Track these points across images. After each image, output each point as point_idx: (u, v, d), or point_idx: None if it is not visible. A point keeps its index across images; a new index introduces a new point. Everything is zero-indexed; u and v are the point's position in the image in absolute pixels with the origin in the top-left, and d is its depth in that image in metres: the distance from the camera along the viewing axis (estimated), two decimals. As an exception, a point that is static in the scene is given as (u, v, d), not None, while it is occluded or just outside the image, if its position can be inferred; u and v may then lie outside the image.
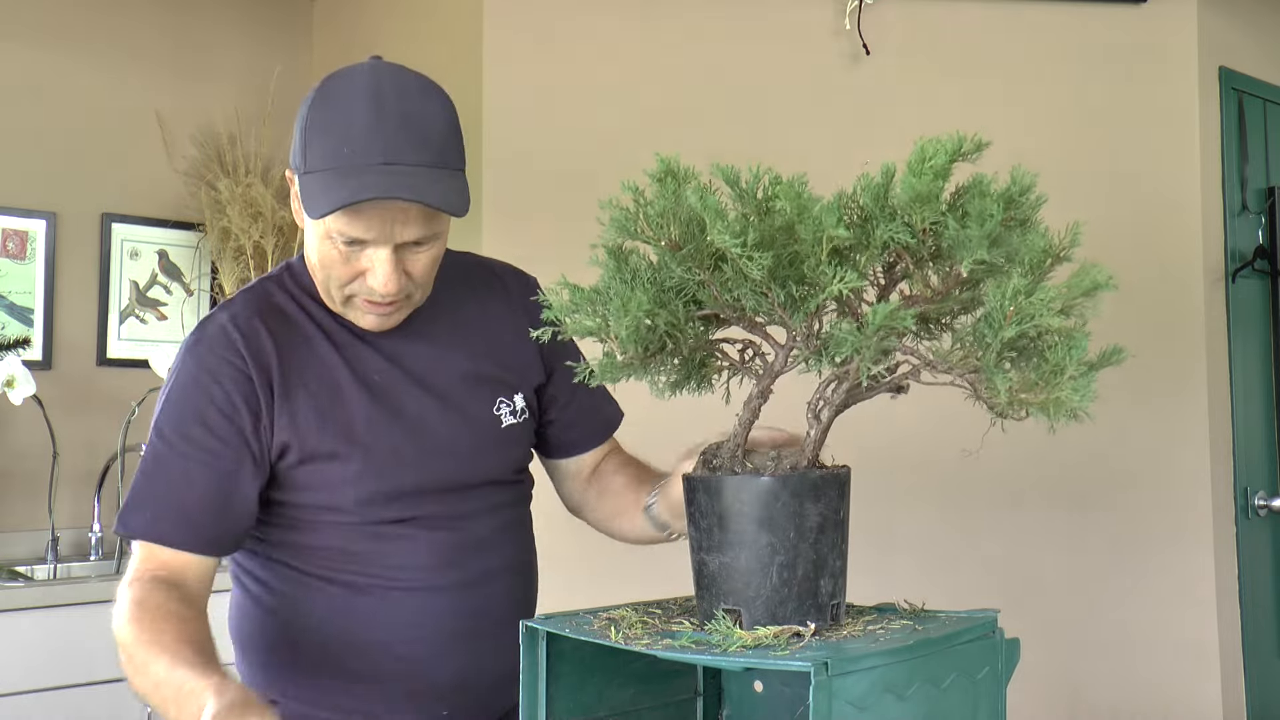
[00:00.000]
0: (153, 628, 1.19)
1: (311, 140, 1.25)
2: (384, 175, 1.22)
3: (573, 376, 1.42)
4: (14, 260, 3.13)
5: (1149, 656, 2.79)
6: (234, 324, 1.34)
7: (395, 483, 1.35)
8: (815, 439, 1.11)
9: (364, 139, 1.22)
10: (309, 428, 1.32)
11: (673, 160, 1.07)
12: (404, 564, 1.35)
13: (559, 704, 1.18)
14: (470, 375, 1.42)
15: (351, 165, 1.22)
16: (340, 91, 1.26)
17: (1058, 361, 0.98)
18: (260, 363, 1.32)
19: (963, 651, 1.07)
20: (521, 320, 1.46)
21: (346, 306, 1.34)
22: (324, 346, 1.36)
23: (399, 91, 1.26)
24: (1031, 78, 2.88)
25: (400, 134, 1.24)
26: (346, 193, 1.20)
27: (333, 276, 1.30)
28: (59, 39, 3.25)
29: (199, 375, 1.32)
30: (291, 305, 1.38)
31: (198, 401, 1.31)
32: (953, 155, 1.00)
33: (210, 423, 1.30)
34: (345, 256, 1.27)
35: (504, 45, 2.86)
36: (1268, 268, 3.12)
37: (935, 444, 2.67)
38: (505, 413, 1.44)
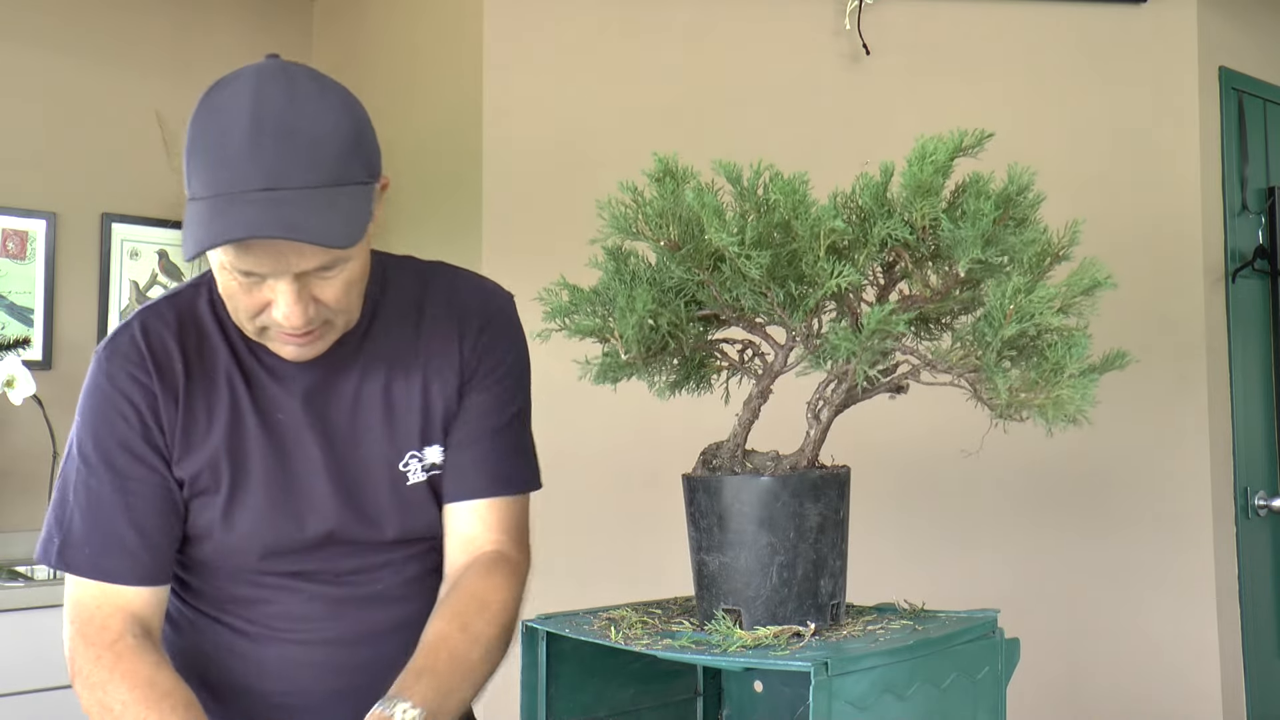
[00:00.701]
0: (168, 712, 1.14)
1: (191, 163, 1.11)
2: (263, 206, 1.07)
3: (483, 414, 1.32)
4: (14, 260, 3.13)
5: (1149, 656, 2.79)
6: (144, 334, 1.26)
7: (276, 535, 1.27)
8: (815, 439, 1.11)
9: (242, 161, 1.08)
10: (201, 460, 1.25)
11: (671, 160, 1.07)
12: (283, 614, 1.30)
13: (559, 704, 1.18)
14: (384, 423, 1.30)
15: (230, 193, 1.08)
16: (219, 104, 1.11)
17: (1058, 360, 0.98)
18: (167, 381, 1.25)
19: (963, 651, 1.07)
20: (467, 359, 1.33)
21: (262, 337, 1.22)
22: (234, 374, 1.27)
23: (287, 98, 1.11)
24: (1031, 78, 2.88)
25: (285, 153, 1.09)
26: (217, 229, 1.07)
27: (239, 308, 1.19)
28: (59, 39, 3.25)
29: (111, 393, 1.25)
30: (210, 318, 1.29)
31: (115, 424, 1.24)
32: (953, 152, 1.00)
33: (133, 447, 1.24)
34: (245, 288, 1.15)
35: (504, 45, 2.86)
36: (1268, 268, 3.12)
37: (935, 444, 2.67)
38: (414, 469, 1.31)
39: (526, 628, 1.19)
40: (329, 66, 3.64)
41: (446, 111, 3.02)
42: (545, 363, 1.63)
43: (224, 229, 1.07)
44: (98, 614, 1.21)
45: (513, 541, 1.33)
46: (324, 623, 1.30)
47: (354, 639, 1.31)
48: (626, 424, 2.63)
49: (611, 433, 2.69)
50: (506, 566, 1.29)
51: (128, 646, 1.19)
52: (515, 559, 1.31)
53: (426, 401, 1.31)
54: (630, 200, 1.07)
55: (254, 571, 1.29)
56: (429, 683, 1.13)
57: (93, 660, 1.19)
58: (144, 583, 1.23)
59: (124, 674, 1.16)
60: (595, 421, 2.62)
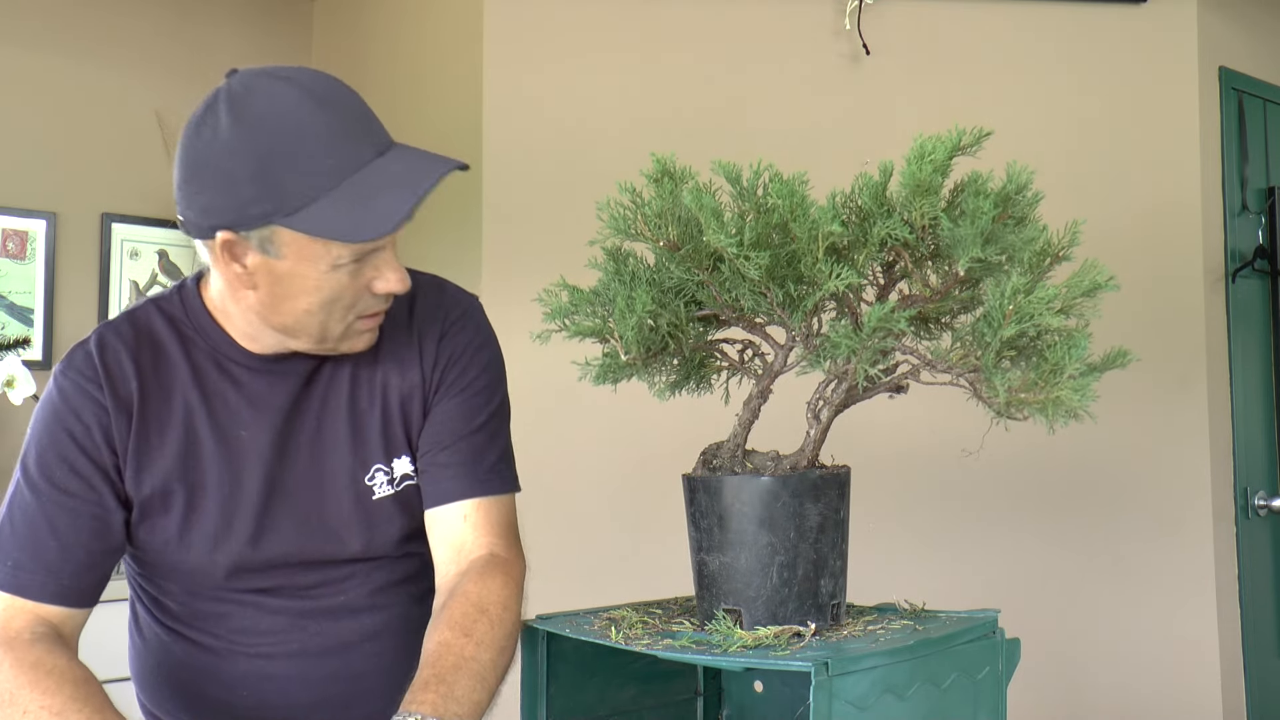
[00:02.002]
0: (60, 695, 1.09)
1: (278, 177, 1.10)
2: (392, 164, 1.12)
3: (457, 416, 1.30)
4: (14, 260, 3.13)
5: (1149, 656, 2.79)
6: (99, 350, 1.24)
7: (231, 555, 1.25)
8: (815, 439, 1.11)
9: (343, 140, 1.11)
10: (154, 480, 1.23)
11: (669, 160, 1.07)
12: (248, 628, 1.28)
13: (559, 704, 1.18)
14: (348, 437, 1.28)
15: (351, 172, 1.10)
16: (268, 113, 1.11)
17: (1057, 361, 0.98)
18: (120, 398, 1.22)
19: (963, 651, 1.07)
20: (429, 370, 1.31)
21: (343, 338, 1.23)
22: (191, 392, 1.25)
23: (317, 84, 1.14)
24: (1031, 78, 2.88)
25: (362, 121, 1.14)
26: (399, 195, 1.10)
27: (337, 308, 1.19)
28: (59, 39, 3.25)
29: (61, 408, 1.22)
30: (170, 336, 1.26)
31: (60, 438, 1.21)
32: (952, 151, 1.00)
33: (75, 465, 1.21)
34: (353, 274, 1.16)
35: (504, 45, 2.86)
36: (1268, 268, 3.12)
37: (936, 444, 2.67)
38: (380, 482, 1.29)
39: (527, 628, 1.19)
40: (329, 66, 3.64)
41: (446, 112, 3.02)
42: (545, 363, 1.63)
43: (399, 199, 1.09)
44: (9, 625, 1.18)
45: (504, 542, 1.29)
46: (289, 635, 1.28)
47: (320, 651, 1.29)
48: (627, 424, 2.63)
49: (612, 433, 2.69)
50: (501, 568, 1.25)
51: (23, 641, 1.15)
52: (509, 559, 1.28)
53: (387, 412, 1.29)
54: (629, 201, 1.07)
55: (215, 587, 1.27)
56: (438, 690, 1.09)
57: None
58: (59, 602, 1.20)
59: (13, 661, 1.12)
60: (595, 422, 2.62)
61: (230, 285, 1.20)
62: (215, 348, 1.26)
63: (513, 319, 1.66)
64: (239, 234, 1.12)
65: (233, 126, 1.11)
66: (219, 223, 1.12)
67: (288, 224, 1.10)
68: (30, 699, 1.09)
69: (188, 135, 1.15)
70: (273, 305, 1.19)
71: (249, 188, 1.09)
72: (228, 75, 1.17)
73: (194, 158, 1.13)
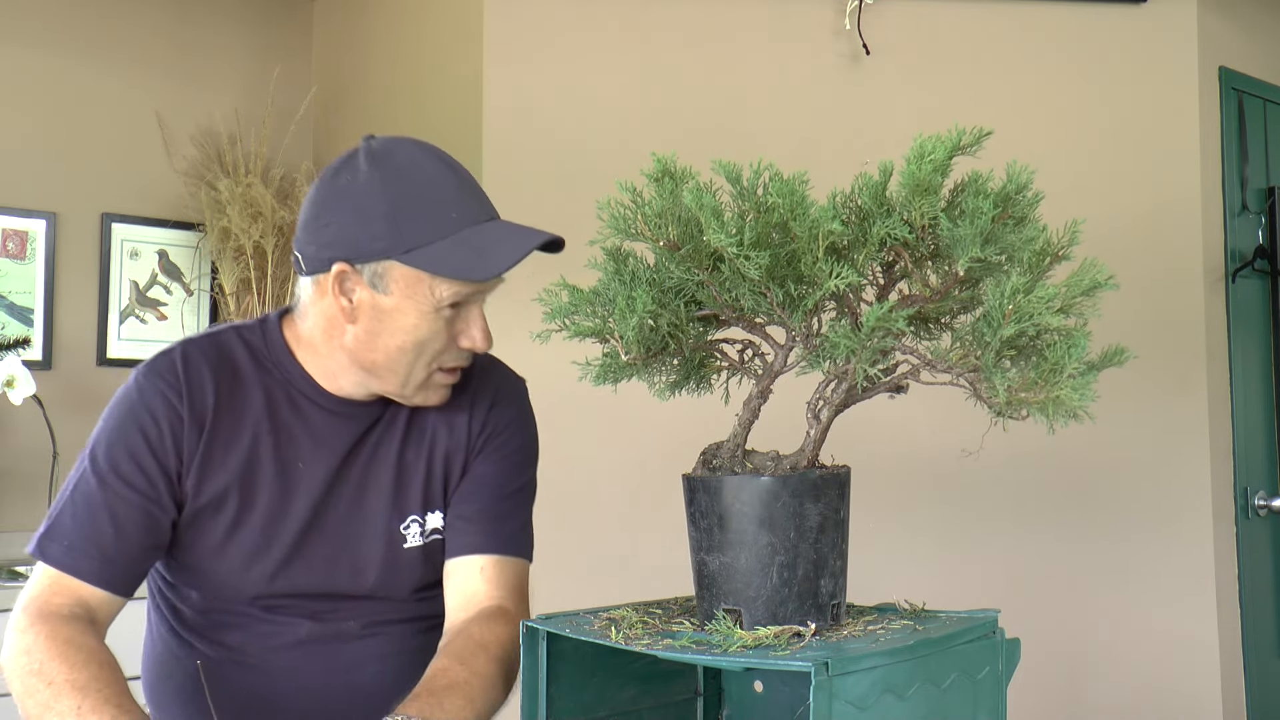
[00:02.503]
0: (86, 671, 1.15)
1: (406, 217, 1.23)
2: (501, 227, 1.26)
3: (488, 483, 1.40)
4: (14, 260, 3.13)
5: (1149, 656, 2.79)
6: (184, 363, 1.32)
7: (265, 573, 1.32)
8: (815, 439, 1.11)
9: (463, 201, 1.26)
10: (212, 490, 1.30)
11: (669, 160, 1.07)
12: (254, 642, 1.34)
13: (559, 704, 1.18)
14: (392, 485, 1.37)
15: (467, 225, 1.24)
16: (406, 165, 1.25)
17: (1057, 360, 0.98)
18: (195, 408, 1.30)
19: (963, 651, 1.07)
20: (475, 433, 1.41)
21: (421, 388, 1.32)
22: (262, 417, 1.33)
23: (448, 156, 1.30)
24: (1031, 78, 2.88)
25: (480, 192, 1.29)
26: (511, 247, 1.23)
27: (427, 352, 1.29)
28: (59, 39, 3.25)
29: (138, 406, 1.30)
30: (249, 362, 1.35)
31: (132, 435, 1.29)
32: (952, 150, 1.00)
33: (141, 460, 1.28)
34: (448, 323, 1.28)
35: (504, 45, 2.86)
36: (1268, 268, 3.12)
37: (935, 444, 2.67)
38: (413, 533, 1.37)
39: (527, 628, 1.19)
40: (329, 66, 3.65)
41: (446, 111, 3.02)
42: (544, 364, 1.63)
43: (512, 247, 1.23)
44: (50, 600, 1.25)
45: (514, 599, 1.37)
46: (293, 652, 1.35)
47: (323, 670, 1.35)
48: (627, 424, 2.63)
49: (611, 433, 2.69)
50: (506, 618, 1.32)
51: (60, 616, 1.22)
52: (515, 613, 1.35)
53: (431, 467, 1.38)
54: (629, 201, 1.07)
55: (236, 600, 1.34)
56: (427, 701, 1.15)
57: (23, 629, 1.21)
58: (106, 587, 1.26)
59: (47, 635, 1.19)
60: (595, 422, 2.62)
61: (330, 320, 1.30)
62: (290, 381, 1.34)
63: (513, 319, 1.66)
64: (355, 266, 1.25)
65: (371, 171, 1.25)
66: (339, 255, 1.25)
67: (405, 260, 1.23)
68: (57, 670, 1.15)
69: (323, 180, 1.29)
70: (368, 342, 1.28)
71: (378, 224, 1.23)
72: (365, 139, 1.30)
73: (328, 196, 1.27)
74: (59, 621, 1.21)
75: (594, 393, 1.32)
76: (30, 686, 1.15)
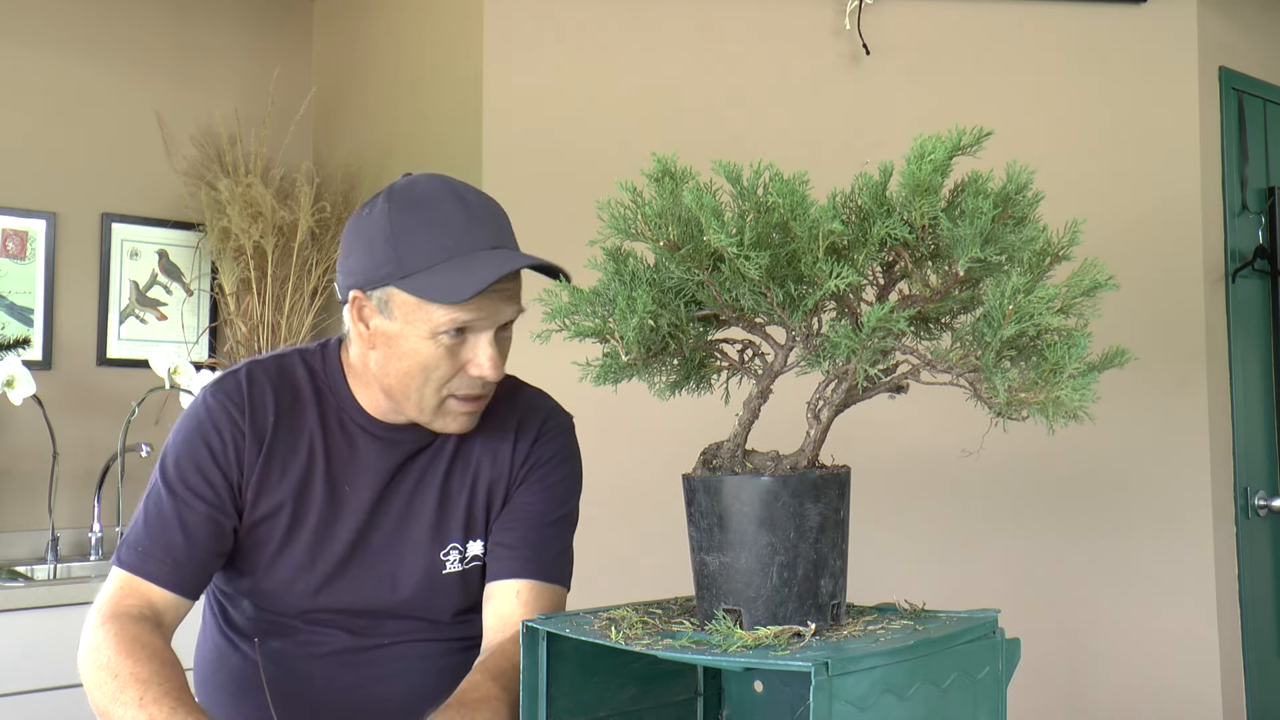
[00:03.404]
0: (150, 666, 1.22)
1: (406, 245, 1.28)
2: (504, 255, 1.28)
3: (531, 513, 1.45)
4: (14, 260, 3.13)
5: (1149, 656, 2.79)
6: (249, 382, 1.39)
7: (310, 588, 1.39)
8: (815, 439, 1.11)
9: (467, 231, 1.29)
10: (267, 505, 1.37)
11: (669, 160, 1.07)
12: (296, 649, 1.41)
13: (559, 704, 1.18)
14: (435, 512, 1.42)
15: (464, 254, 1.27)
16: (418, 196, 1.31)
17: (1057, 360, 0.98)
18: (257, 426, 1.37)
19: (963, 651, 1.07)
20: (519, 465, 1.46)
21: (438, 414, 1.36)
22: (317, 441, 1.39)
23: (471, 190, 1.34)
24: (1031, 78, 2.88)
25: (493, 222, 1.32)
26: (488, 271, 1.24)
27: (433, 378, 1.32)
28: (59, 39, 3.25)
29: (205, 421, 1.37)
30: (309, 386, 1.41)
31: (199, 449, 1.36)
32: (952, 150, 1.00)
33: (207, 472, 1.36)
34: (450, 351, 1.31)
35: (504, 45, 2.86)
36: (1268, 268, 3.12)
37: (936, 444, 2.67)
38: (453, 559, 1.43)
39: (527, 628, 1.19)
40: (329, 67, 3.65)
41: (446, 111, 3.02)
42: (544, 363, 1.63)
43: (496, 267, 1.25)
44: (121, 601, 1.32)
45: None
46: (331, 660, 1.41)
47: (356, 679, 1.41)
48: (627, 424, 2.63)
49: (611, 433, 2.69)
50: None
51: (130, 616, 1.29)
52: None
53: (473, 496, 1.43)
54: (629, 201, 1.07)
55: (281, 612, 1.41)
56: (459, 711, 1.21)
57: (95, 627, 1.29)
58: (175, 590, 1.34)
59: (116, 633, 1.26)
60: (595, 422, 2.62)
61: (360, 347, 1.38)
62: (342, 407, 1.41)
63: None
64: (365, 293, 1.32)
65: (385, 205, 1.31)
66: (354, 283, 1.33)
67: (401, 285, 1.28)
68: (123, 665, 1.22)
69: (351, 219, 1.36)
70: (384, 366, 1.34)
71: (382, 251, 1.29)
72: (403, 175, 1.37)
73: (352, 228, 1.34)
74: (128, 621, 1.28)
75: (594, 392, 1.32)
76: (99, 679, 1.23)
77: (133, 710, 1.18)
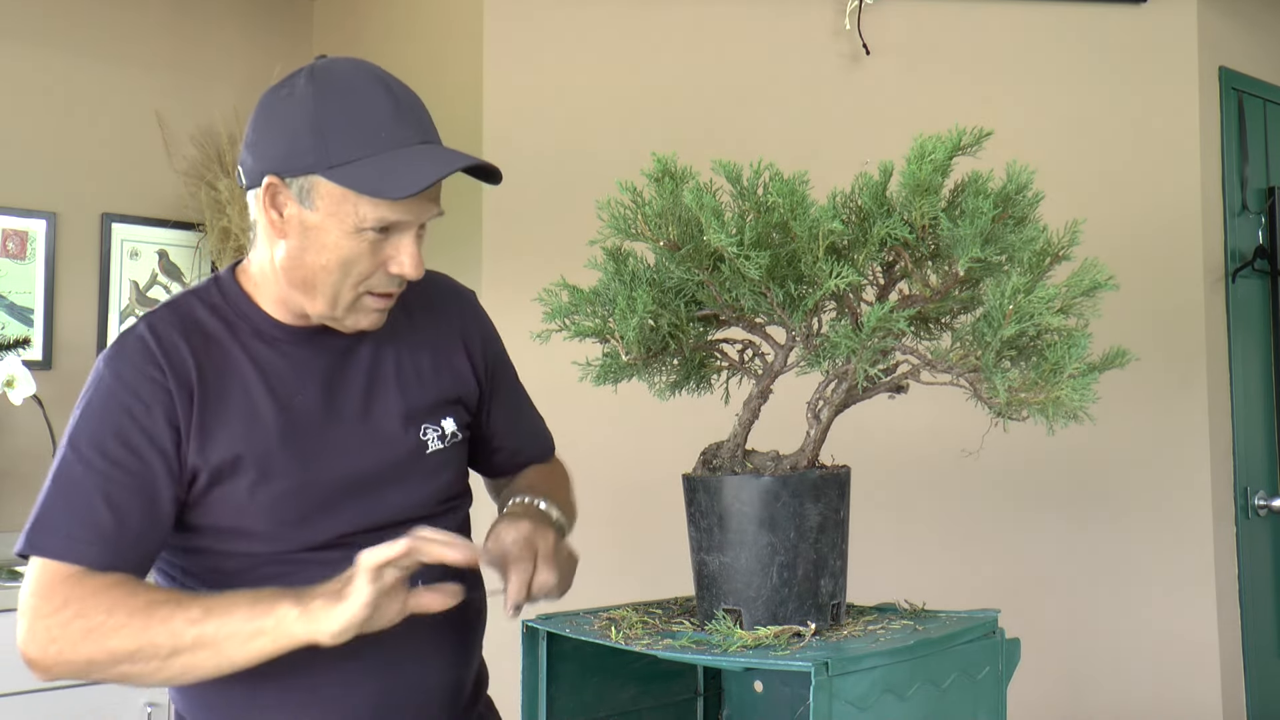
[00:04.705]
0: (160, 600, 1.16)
1: (331, 133, 1.22)
2: (437, 152, 1.24)
3: (512, 398, 1.51)
4: (14, 260, 3.13)
5: (1149, 656, 2.79)
6: (154, 336, 1.28)
7: (303, 514, 1.30)
8: (815, 439, 1.11)
9: (396, 123, 1.24)
10: (222, 450, 1.27)
11: (670, 160, 1.07)
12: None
13: (559, 704, 1.18)
14: (398, 399, 1.38)
15: (395, 147, 1.22)
16: (343, 84, 1.25)
17: (1057, 360, 0.98)
18: (180, 377, 1.27)
19: (963, 651, 1.07)
20: (457, 339, 1.44)
21: (351, 310, 1.30)
22: (245, 366, 1.31)
23: (393, 79, 1.29)
24: (1031, 78, 2.88)
25: (420, 116, 1.28)
26: (428, 170, 1.20)
27: (352, 273, 1.27)
28: (59, 39, 3.25)
29: (117, 389, 1.25)
30: (214, 321, 1.33)
31: (117, 417, 1.24)
32: (952, 150, 1.00)
33: (130, 441, 1.23)
34: (373, 247, 1.25)
35: (504, 45, 2.86)
36: (1268, 268, 3.12)
37: (936, 444, 2.67)
38: (432, 438, 1.39)
39: (526, 628, 1.19)
40: (329, 66, 3.64)
41: (446, 111, 3.01)
42: (545, 363, 1.63)
43: (438, 166, 1.21)
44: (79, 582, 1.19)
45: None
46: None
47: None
48: (626, 424, 2.63)
49: (611, 432, 2.69)
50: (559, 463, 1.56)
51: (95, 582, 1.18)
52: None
53: (435, 377, 1.41)
54: (630, 201, 1.07)
55: (278, 552, 1.30)
56: (542, 491, 1.31)
57: (50, 615, 1.17)
58: (114, 570, 1.21)
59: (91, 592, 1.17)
60: (595, 421, 2.62)
61: (267, 236, 1.30)
62: (257, 328, 1.33)
63: (513, 319, 1.66)
64: (284, 180, 1.24)
65: (306, 87, 1.25)
66: (269, 168, 1.25)
67: (328, 176, 1.22)
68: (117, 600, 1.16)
69: (265, 96, 1.29)
70: (297, 258, 1.27)
71: (305, 138, 1.22)
72: (316, 58, 1.31)
73: (266, 110, 1.28)
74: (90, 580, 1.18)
75: (594, 392, 1.32)
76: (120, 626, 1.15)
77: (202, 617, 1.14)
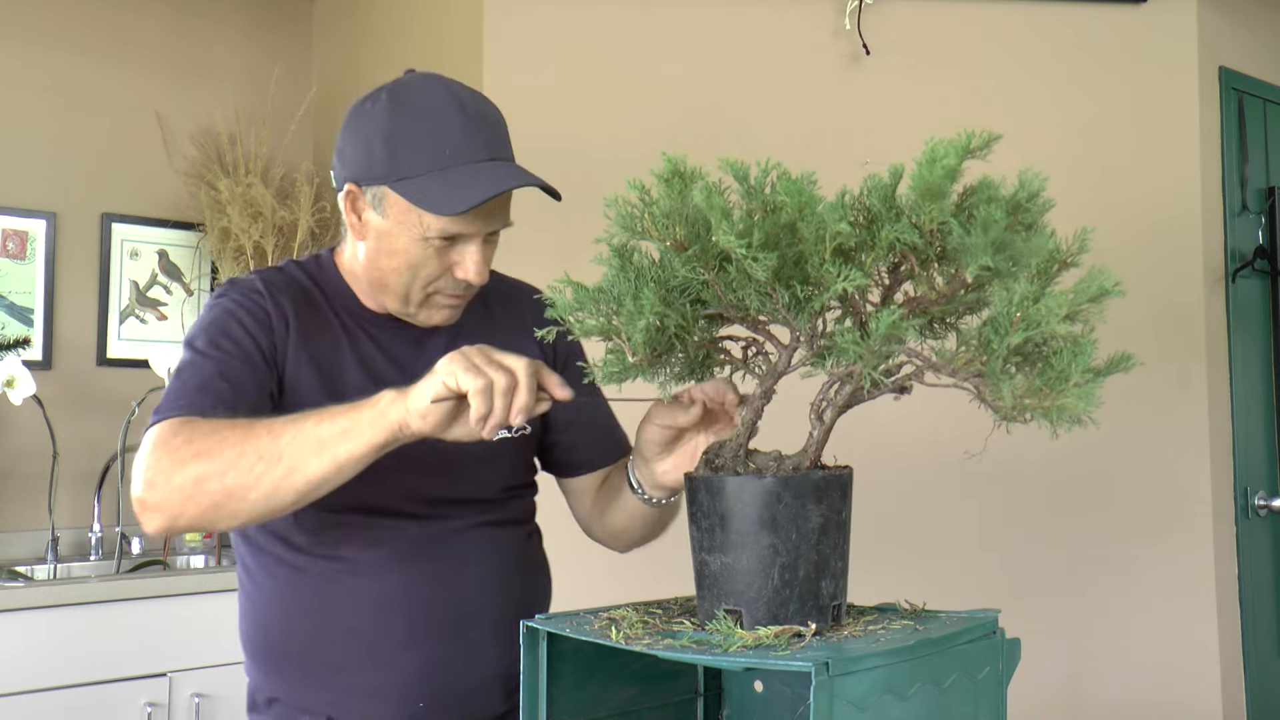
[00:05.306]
0: (257, 420, 1.21)
1: (401, 147, 1.30)
2: (500, 169, 1.32)
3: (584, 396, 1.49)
4: (14, 260, 3.13)
5: (1149, 656, 2.79)
6: (262, 281, 1.40)
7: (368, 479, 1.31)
8: (818, 439, 1.11)
9: (464, 140, 1.31)
10: (303, 381, 1.36)
11: (680, 160, 1.07)
12: (364, 550, 1.38)
13: (559, 704, 1.18)
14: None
15: (460, 164, 1.30)
16: (417, 100, 1.32)
17: (1063, 368, 0.98)
18: (280, 314, 1.37)
19: (964, 652, 1.07)
20: (532, 334, 1.46)
21: (423, 306, 1.39)
22: (337, 331, 1.41)
23: (470, 96, 1.35)
24: (1031, 78, 2.88)
25: (491, 133, 1.35)
26: (481, 188, 1.27)
27: (420, 276, 1.35)
28: (59, 39, 3.25)
29: (228, 307, 1.36)
30: (315, 290, 1.43)
31: (225, 322, 1.35)
32: (962, 155, 1.00)
33: (237, 336, 1.34)
34: (439, 253, 1.34)
35: (504, 45, 2.86)
36: (1268, 268, 3.12)
37: (937, 445, 2.67)
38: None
39: (526, 628, 1.19)
40: (329, 66, 3.64)
41: (447, 111, 3.01)
42: (546, 363, 1.63)
43: (490, 185, 1.28)
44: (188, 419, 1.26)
45: None
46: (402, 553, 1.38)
47: (430, 574, 1.38)
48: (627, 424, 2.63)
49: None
50: None
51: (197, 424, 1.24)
52: None
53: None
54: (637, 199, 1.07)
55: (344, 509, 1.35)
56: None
57: (163, 446, 1.22)
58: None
59: (201, 425, 1.22)
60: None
61: (351, 235, 1.41)
62: (345, 306, 1.43)
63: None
64: (361, 187, 1.35)
65: (385, 103, 1.34)
66: (350, 176, 1.36)
67: (395, 188, 1.31)
68: (222, 423, 1.22)
69: (353, 107, 1.39)
70: (373, 259, 1.38)
71: (378, 150, 1.32)
72: (406, 72, 1.39)
73: (351, 122, 1.37)
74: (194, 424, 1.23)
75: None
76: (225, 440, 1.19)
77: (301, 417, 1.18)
